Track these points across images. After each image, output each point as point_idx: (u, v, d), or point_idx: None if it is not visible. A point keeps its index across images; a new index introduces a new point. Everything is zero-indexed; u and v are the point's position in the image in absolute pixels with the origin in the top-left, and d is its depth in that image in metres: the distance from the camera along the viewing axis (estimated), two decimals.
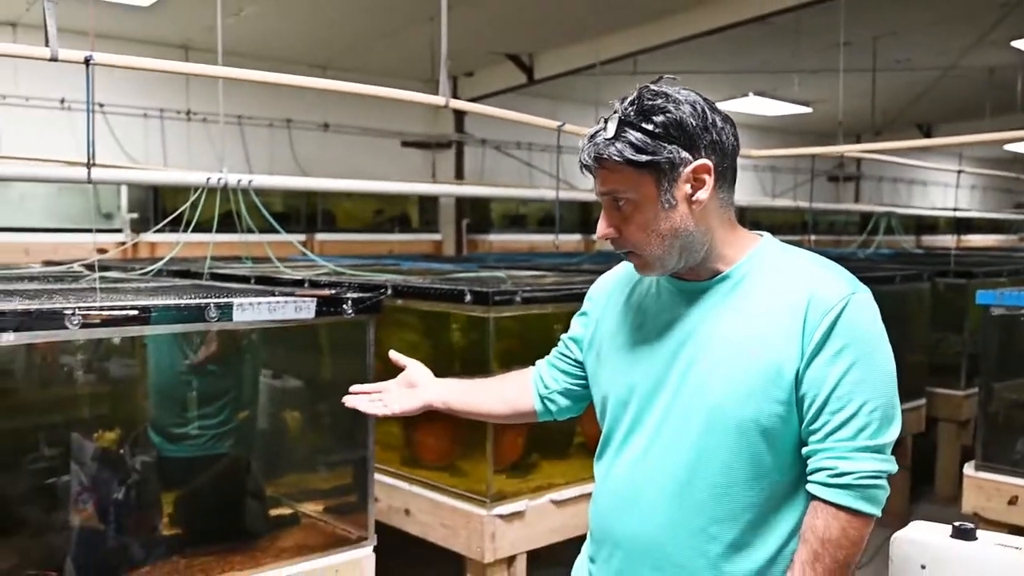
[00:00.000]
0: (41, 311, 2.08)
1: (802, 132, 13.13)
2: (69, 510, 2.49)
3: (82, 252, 5.68)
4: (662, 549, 1.49)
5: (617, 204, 1.46)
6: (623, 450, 1.56)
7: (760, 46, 8.09)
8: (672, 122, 1.41)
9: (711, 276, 1.51)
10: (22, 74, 7.07)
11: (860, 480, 1.38)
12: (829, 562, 1.39)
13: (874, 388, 1.40)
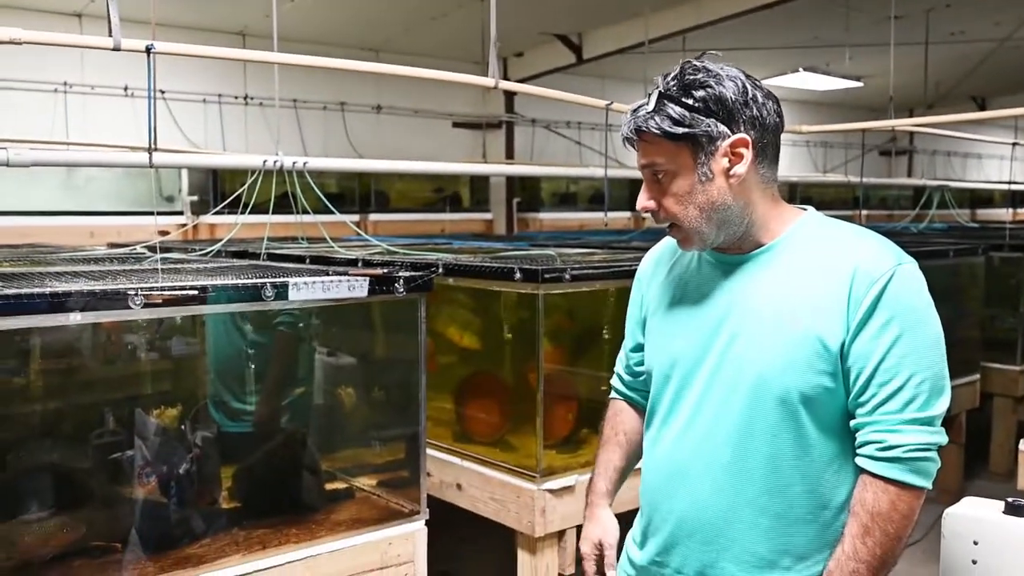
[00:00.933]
0: (105, 292, 2.10)
1: (854, 107, 12.81)
2: (133, 484, 2.52)
3: (145, 234, 5.77)
4: (711, 523, 1.47)
5: (657, 177, 1.46)
6: (667, 423, 1.55)
7: (810, 21, 7.90)
8: (712, 97, 1.40)
9: (753, 248, 1.49)
10: (87, 63, 7.19)
11: (909, 453, 1.35)
12: (880, 535, 1.36)
13: (921, 360, 1.37)
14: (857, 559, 1.37)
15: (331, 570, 2.43)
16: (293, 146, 8.05)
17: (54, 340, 2.60)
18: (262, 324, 2.92)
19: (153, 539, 2.37)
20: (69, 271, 2.81)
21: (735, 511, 1.45)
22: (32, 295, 2.02)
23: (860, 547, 1.37)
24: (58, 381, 2.72)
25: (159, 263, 3.13)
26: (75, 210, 6.70)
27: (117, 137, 6.57)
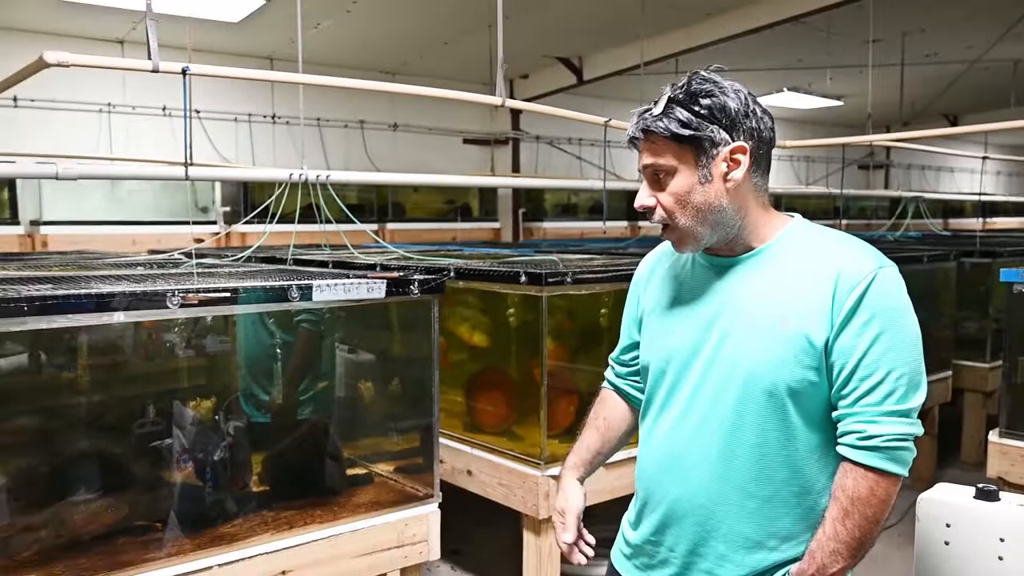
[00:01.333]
0: (146, 293, 2.12)
1: (834, 124, 12.81)
2: (171, 469, 2.53)
3: (181, 242, 5.82)
4: (704, 507, 1.48)
5: (657, 177, 1.45)
6: (662, 415, 1.55)
7: (794, 45, 7.90)
8: (716, 105, 1.40)
9: (744, 251, 1.49)
10: (129, 86, 7.24)
11: (887, 443, 1.36)
12: (858, 518, 1.37)
13: (900, 356, 1.37)
14: (837, 540, 1.38)
15: (352, 548, 2.44)
16: (317, 161, 8.08)
17: (100, 338, 2.62)
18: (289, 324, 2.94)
19: (190, 519, 2.38)
20: (113, 275, 2.83)
21: (724, 495, 1.45)
22: (80, 296, 2.05)
23: (840, 529, 1.38)
24: (104, 376, 2.73)
25: (195, 268, 3.15)
26: (119, 220, 6.72)
27: (156, 153, 6.62)
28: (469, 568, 3.79)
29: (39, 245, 6.30)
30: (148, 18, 2.82)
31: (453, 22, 7.06)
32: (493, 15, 3.98)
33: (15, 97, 6.69)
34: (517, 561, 3.17)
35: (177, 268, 3.31)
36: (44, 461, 2.49)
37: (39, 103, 6.88)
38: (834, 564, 1.38)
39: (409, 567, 2.59)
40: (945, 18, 7.20)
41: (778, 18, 6.52)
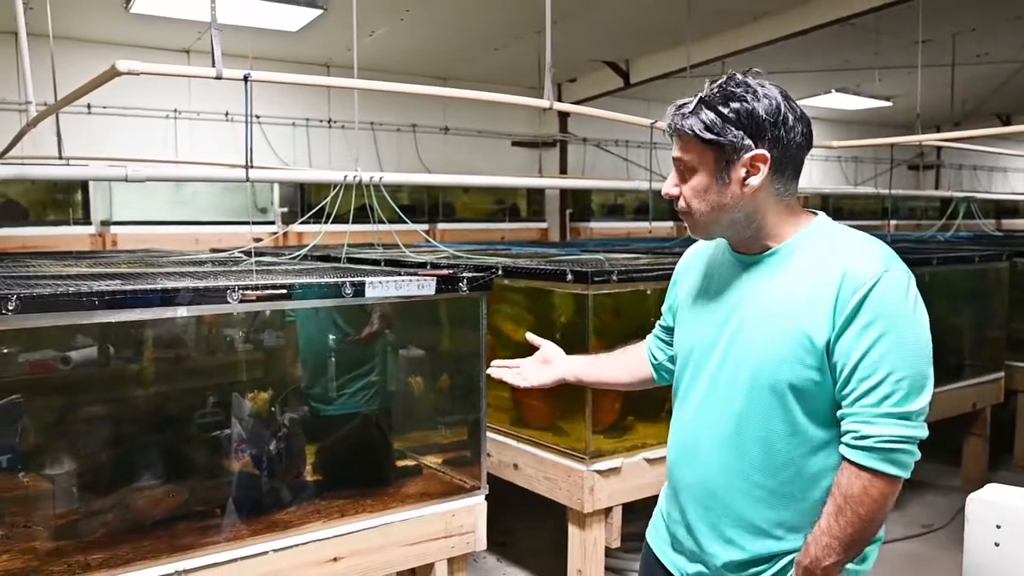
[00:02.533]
0: (208, 288, 2.17)
1: (883, 124, 12.51)
2: (230, 458, 2.58)
3: (241, 241, 5.93)
4: (715, 493, 1.51)
5: (682, 170, 1.48)
6: (686, 401, 1.59)
7: (842, 46, 7.73)
8: (745, 111, 1.40)
9: (762, 251, 1.49)
10: (194, 93, 7.41)
11: (881, 443, 1.34)
12: (851, 516, 1.37)
13: (901, 359, 1.35)
14: (830, 535, 1.38)
15: (402, 537, 2.46)
16: (370, 164, 8.18)
17: (164, 332, 2.68)
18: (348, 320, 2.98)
19: (247, 506, 2.42)
20: (177, 272, 2.90)
21: (733, 483, 1.48)
22: (147, 291, 2.10)
23: (833, 524, 1.38)
24: (167, 368, 2.80)
25: (254, 265, 3.21)
26: (183, 220, 6.90)
27: (219, 157, 6.76)
28: (514, 560, 3.79)
29: (109, 244, 6.49)
30: (213, 27, 2.89)
31: (502, 28, 7.08)
32: (542, 21, 3.98)
33: (88, 105, 6.90)
34: (561, 554, 3.16)
35: (237, 266, 3.37)
36: (111, 449, 2.56)
37: (111, 110, 7.08)
38: (827, 558, 1.39)
39: (456, 557, 2.60)
40: (995, 18, 6.99)
41: (826, 20, 6.39)
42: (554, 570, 3.48)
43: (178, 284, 2.22)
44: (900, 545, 3.96)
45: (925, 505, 4.46)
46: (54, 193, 6.61)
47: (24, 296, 1.88)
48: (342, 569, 2.36)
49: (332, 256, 4.05)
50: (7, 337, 2.25)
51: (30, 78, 3.73)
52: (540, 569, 3.68)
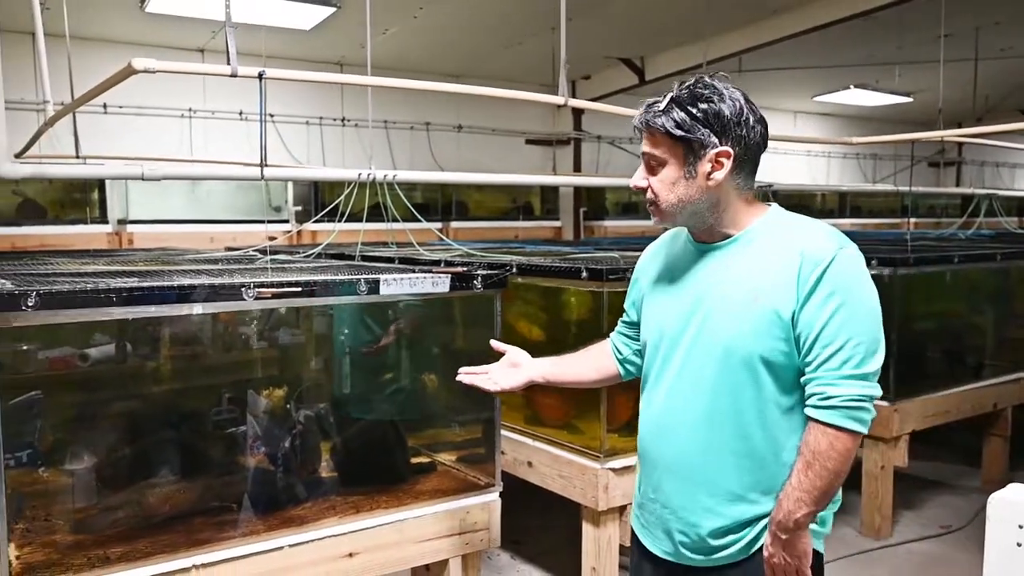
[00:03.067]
0: (224, 285, 2.21)
1: (902, 121, 12.42)
2: (246, 454, 2.62)
3: (256, 239, 5.98)
4: (692, 464, 1.64)
5: (651, 164, 1.61)
6: (658, 384, 1.71)
7: (862, 40, 7.68)
8: (712, 111, 1.54)
9: (723, 239, 1.64)
10: (209, 92, 7.48)
11: (845, 403, 1.49)
12: (819, 469, 1.51)
13: (858, 326, 1.50)
14: (801, 489, 1.53)
15: (416, 533, 2.49)
16: (384, 162, 8.22)
17: (180, 330, 2.72)
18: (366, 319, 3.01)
19: (262, 502, 2.45)
20: (193, 269, 2.94)
21: (709, 454, 1.61)
22: (164, 287, 2.14)
23: (804, 479, 1.53)
24: (183, 365, 2.84)
25: (269, 263, 3.25)
26: (198, 219, 6.97)
27: (233, 155, 6.82)
28: (528, 558, 3.81)
29: (125, 242, 6.57)
30: (227, 25, 2.93)
31: (516, 26, 7.09)
32: (556, 18, 3.99)
33: (104, 104, 6.98)
34: (575, 552, 3.18)
35: (252, 264, 3.41)
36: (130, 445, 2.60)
37: (126, 109, 7.16)
38: (799, 510, 1.53)
39: (470, 554, 2.63)
40: (1019, 11, 6.93)
41: (847, 14, 6.35)
42: (568, 568, 3.50)
43: (195, 281, 2.26)
44: (918, 545, 3.95)
45: (943, 506, 4.45)
46: (72, 192, 6.70)
47: (43, 292, 1.93)
48: (357, 565, 2.39)
49: (346, 254, 4.08)
50: (27, 334, 2.29)
51: (47, 77, 3.78)
52: (554, 567, 3.70)
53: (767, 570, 1.61)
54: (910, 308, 4.31)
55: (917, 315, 4.50)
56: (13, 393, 2.15)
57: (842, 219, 11.53)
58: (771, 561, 1.59)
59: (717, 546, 1.64)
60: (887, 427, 3.91)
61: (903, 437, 4.00)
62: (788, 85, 9.70)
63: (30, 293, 1.90)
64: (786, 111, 11.73)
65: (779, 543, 1.57)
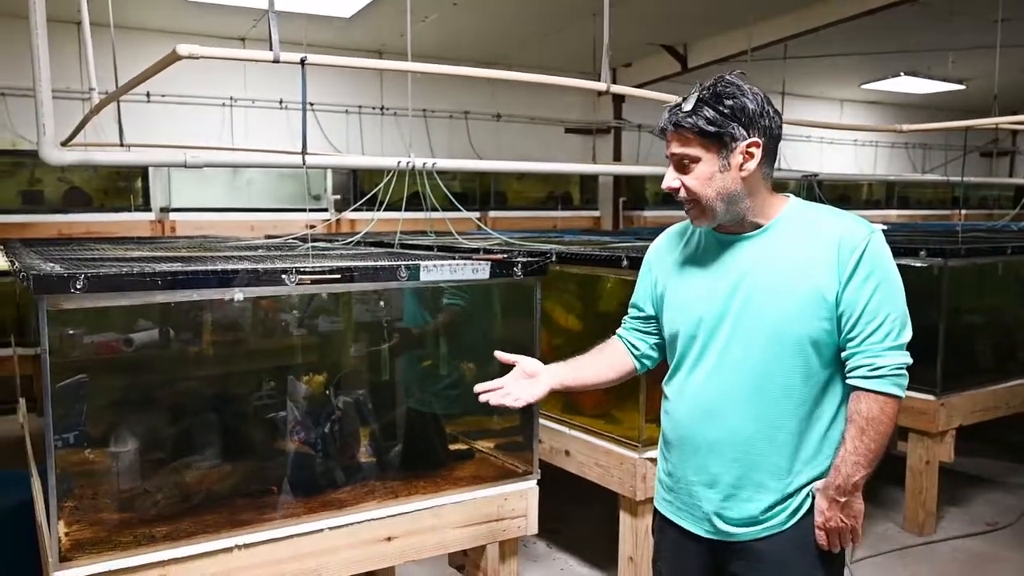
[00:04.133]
0: (265, 271, 2.25)
1: (954, 109, 12.13)
2: (285, 439, 2.66)
3: (295, 227, 6.07)
4: (743, 443, 1.72)
5: (683, 163, 1.69)
6: (694, 371, 1.77)
7: (913, 26, 7.52)
8: (738, 106, 1.64)
9: (753, 229, 1.73)
10: (250, 80, 7.59)
11: (891, 371, 1.64)
12: (873, 434, 1.65)
13: (893, 302, 1.65)
14: (857, 453, 1.65)
15: (455, 518, 2.52)
16: (422, 151, 8.26)
17: (221, 316, 2.76)
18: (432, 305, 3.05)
19: (302, 485, 2.49)
20: (235, 255, 2.99)
21: (760, 431, 1.70)
22: (207, 272, 2.19)
23: (859, 444, 1.65)
24: (225, 351, 2.89)
25: (309, 250, 3.29)
26: (238, 207, 7.09)
27: (272, 144, 6.92)
28: (564, 546, 3.83)
29: (168, 230, 6.71)
30: (270, 12, 2.96)
31: (556, 12, 7.07)
32: (597, 3, 3.98)
33: (148, 93, 7.12)
34: (612, 541, 3.19)
35: (292, 251, 3.46)
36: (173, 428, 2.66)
37: (169, 98, 7.30)
38: (856, 473, 1.66)
39: (507, 540, 2.65)
40: None
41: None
42: (605, 557, 3.51)
43: (238, 266, 2.29)
44: (963, 542, 3.89)
45: (990, 503, 4.37)
46: (116, 181, 6.86)
47: (91, 276, 1.98)
48: (395, 549, 2.43)
49: (385, 243, 4.12)
50: (74, 319, 2.35)
51: (93, 66, 3.87)
52: (591, 556, 3.71)
53: (821, 534, 1.71)
54: (960, 301, 4.23)
55: (967, 308, 4.42)
56: (61, 376, 2.21)
57: (889, 210, 11.33)
58: (828, 525, 1.70)
59: (765, 519, 1.73)
60: (933, 421, 3.85)
61: (949, 432, 3.94)
62: (835, 73, 9.54)
63: (78, 276, 1.95)
64: (832, 99, 11.54)
65: (837, 506, 1.69)
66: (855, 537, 1.73)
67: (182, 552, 2.12)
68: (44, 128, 3.02)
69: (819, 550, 1.73)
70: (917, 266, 3.94)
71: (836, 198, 10.40)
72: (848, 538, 1.72)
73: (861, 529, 1.73)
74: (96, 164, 5.01)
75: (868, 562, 3.66)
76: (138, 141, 5.38)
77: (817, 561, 1.73)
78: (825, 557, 1.73)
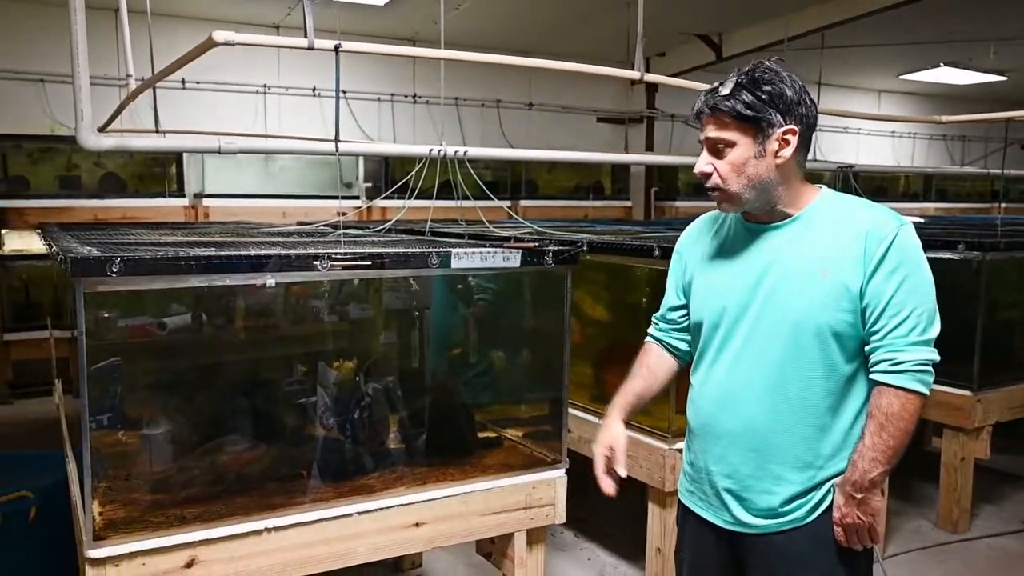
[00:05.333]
0: (298, 256, 2.25)
1: (995, 100, 11.85)
2: (315, 424, 2.67)
3: (326, 215, 6.10)
4: (760, 434, 1.70)
5: (717, 148, 1.67)
6: (717, 361, 1.76)
7: (953, 16, 7.36)
8: (776, 92, 1.62)
9: (783, 218, 1.72)
10: (283, 68, 7.62)
11: (914, 367, 1.60)
12: (892, 430, 1.61)
13: (921, 296, 1.61)
14: (875, 449, 1.62)
15: (482, 506, 2.52)
16: (454, 139, 8.25)
17: (253, 302, 2.78)
18: None
19: (331, 471, 2.50)
20: (267, 241, 3.00)
21: (779, 422, 1.68)
22: (241, 257, 2.19)
23: (877, 440, 1.62)
24: (256, 336, 2.91)
25: (341, 237, 3.30)
26: (271, 194, 7.14)
27: (305, 131, 6.95)
28: (592, 536, 3.82)
29: (201, 216, 6.77)
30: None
31: (590, 0, 7.01)
32: None
33: (183, 80, 7.18)
34: (640, 532, 3.17)
35: (324, 237, 3.47)
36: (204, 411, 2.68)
37: (203, 85, 7.35)
38: (874, 469, 1.62)
39: (535, 529, 2.64)
40: None
41: None
42: (633, 548, 3.49)
43: (270, 251, 2.30)
44: (998, 540, 3.83)
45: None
46: (151, 167, 6.93)
47: (127, 259, 1.99)
48: (423, 534, 2.43)
49: (416, 230, 4.12)
50: (109, 303, 2.38)
51: (131, 52, 3.90)
52: (618, 547, 3.70)
53: (838, 531, 1.68)
54: (998, 295, 4.15)
55: (1005, 303, 4.33)
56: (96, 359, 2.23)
57: (927, 203, 11.14)
58: (845, 521, 1.67)
59: (784, 511, 1.71)
60: (968, 417, 3.77)
61: (985, 428, 3.86)
62: (872, 63, 9.38)
63: (115, 260, 1.97)
64: (870, 90, 11.35)
65: (853, 503, 1.65)
66: (874, 536, 1.68)
67: (213, 534, 2.13)
68: (82, 114, 3.05)
69: (841, 547, 1.69)
70: (955, 259, 3.88)
71: (873, 190, 10.24)
72: (866, 536, 1.68)
73: (881, 528, 1.70)
74: (132, 150, 5.07)
75: (901, 558, 3.61)
76: (173, 127, 5.44)
77: (837, 558, 1.69)
78: (847, 555, 1.70)
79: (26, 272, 6.37)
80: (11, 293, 6.32)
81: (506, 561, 2.67)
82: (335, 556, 2.30)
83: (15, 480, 3.14)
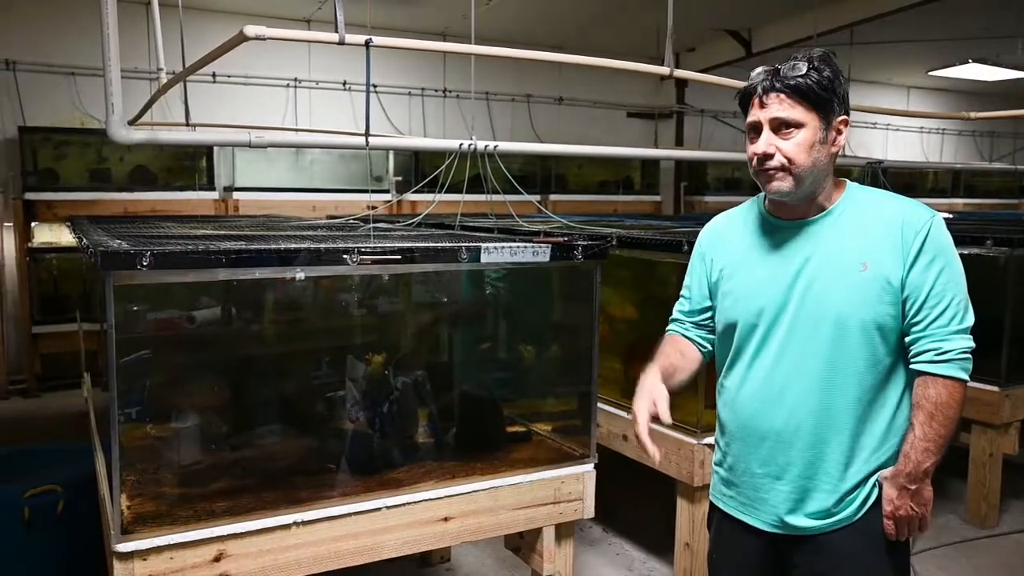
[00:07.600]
0: (327, 250, 2.21)
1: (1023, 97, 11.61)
2: (344, 418, 2.63)
3: (356, 208, 6.05)
4: (808, 432, 1.65)
5: (782, 128, 1.59)
6: (756, 362, 1.71)
7: (982, 12, 7.18)
8: (838, 81, 1.61)
9: (817, 213, 1.68)
10: (314, 62, 7.60)
11: (958, 356, 1.59)
12: (942, 419, 1.59)
13: (957, 286, 1.60)
14: (927, 439, 1.60)
15: (511, 500, 2.47)
16: (484, 133, 8.19)
17: (282, 296, 2.74)
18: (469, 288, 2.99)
19: (359, 464, 2.47)
20: (297, 235, 2.97)
21: (829, 419, 1.64)
22: (271, 251, 2.16)
23: (928, 430, 1.59)
24: (285, 330, 2.87)
25: (371, 231, 3.25)
26: (300, 188, 7.12)
27: (335, 126, 6.91)
28: (620, 531, 3.76)
29: (231, 209, 6.77)
30: None
31: None
32: None
33: (214, 73, 7.17)
34: (669, 527, 3.11)
35: (354, 231, 3.43)
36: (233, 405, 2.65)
37: (234, 79, 7.34)
38: (927, 459, 1.60)
39: (564, 524, 2.59)
40: None
41: None
42: (661, 543, 3.43)
43: (300, 245, 2.26)
44: None
45: None
46: (181, 160, 6.93)
47: (157, 252, 1.96)
48: (452, 529, 2.38)
49: (446, 224, 4.07)
50: (138, 296, 2.35)
51: (162, 46, 3.88)
52: (647, 542, 3.63)
53: (890, 524, 1.66)
54: None
55: None
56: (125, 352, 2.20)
57: (955, 199, 10.93)
58: (897, 513, 1.64)
59: (836, 511, 1.67)
60: (997, 413, 3.72)
61: (1014, 424, 3.81)
62: (902, 59, 9.20)
63: (144, 253, 1.94)
64: (899, 86, 11.14)
65: (907, 494, 1.63)
66: (923, 525, 1.67)
67: (241, 528, 2.10)
68: (113, 107, 3.01)
69: (886, 540, 1.67)
70: (983, 255, 3.79)
71: (901, 186, 10.03)
72: (917, 526, 1.67)
73: (930, 516, 1.68)
74: (162, 143, 5.07)
75: (929, 554, 3.52)
76: (203, 121, 5.42)
77: (884, 552, 1.67)
78: (892, 547, 1.68)
79: (55, 265, 6.36)
80: (40, 286, 6.29)
81: (535, 556, 2.62)
82: (364, 550, 2.26)
83: (43, 473, 3.13)
